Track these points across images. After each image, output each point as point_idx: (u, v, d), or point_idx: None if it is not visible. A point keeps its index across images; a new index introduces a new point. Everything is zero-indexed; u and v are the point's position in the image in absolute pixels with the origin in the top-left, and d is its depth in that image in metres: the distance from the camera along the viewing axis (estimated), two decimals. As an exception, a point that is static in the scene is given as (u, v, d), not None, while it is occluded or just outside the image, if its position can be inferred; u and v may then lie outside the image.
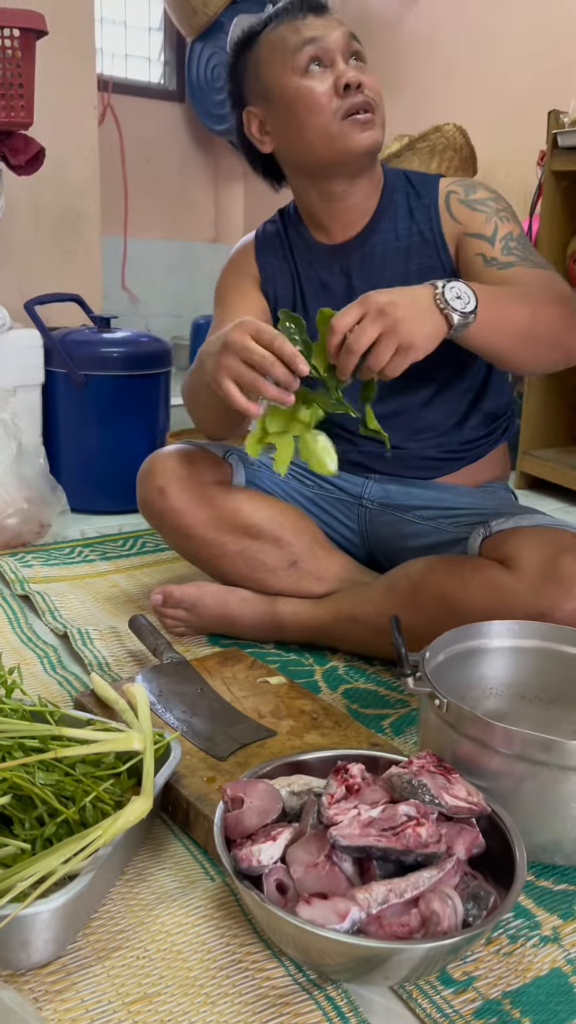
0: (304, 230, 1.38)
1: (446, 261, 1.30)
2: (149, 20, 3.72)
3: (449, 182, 1.33)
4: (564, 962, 0.79)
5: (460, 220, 1.29)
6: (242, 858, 0.75)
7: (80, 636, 1.36)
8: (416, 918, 0.72)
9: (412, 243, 1.31)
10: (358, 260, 1.34)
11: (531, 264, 1.23)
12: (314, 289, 1.37)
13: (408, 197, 1.33)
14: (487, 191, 1.31)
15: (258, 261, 1.42)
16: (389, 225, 1.33)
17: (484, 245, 1.25)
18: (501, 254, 1.24)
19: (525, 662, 1.09)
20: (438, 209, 1.31)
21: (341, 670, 1.31)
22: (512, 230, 1.26)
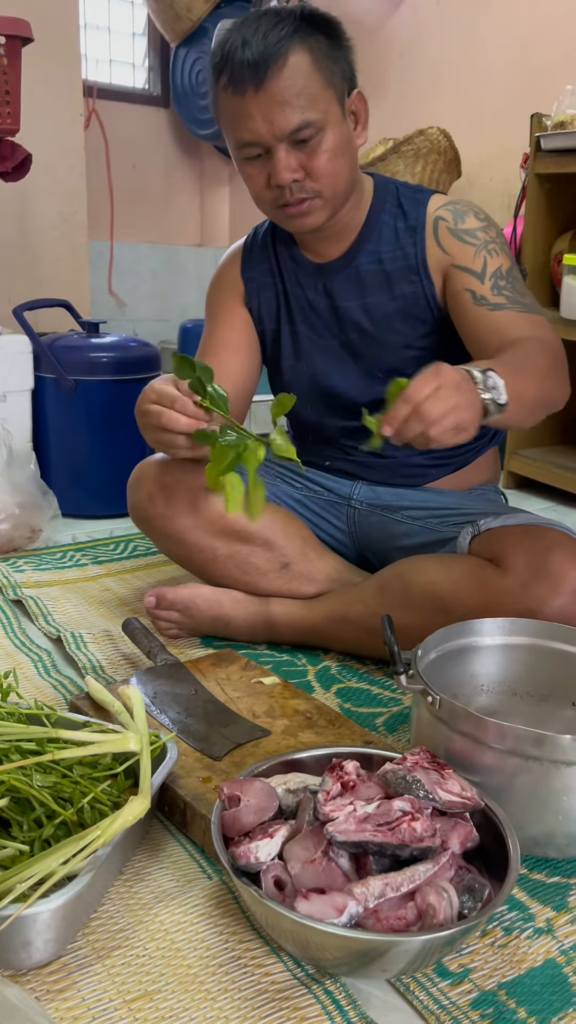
0: (293, 245, 1.38)
1: (428, 289, 1.29)
2: (133, 26, 3.73)
3: (438, 205, 1.30)
4: (558, 953, 0.80)
5: (448, 251, 1.27)
6: (240, 855, 0.76)
7: (74, 640, 1.37)
8: (412, 911, 0.73)
9: (396, 268, 1.30)
10: (342, 280, 1.34)
11: (521, 307, 1.22)
12: (300, 306, 1.38)
13: (395, 218, 1.31)
14: (476, 218, 1.29)
15: (243, 275, 1.42)
16: (373, 247, 1.31)
17: (473, 281, 1.24)
18: (491, 293, 1.22)
19: (516, 659, 1.10)
20: (424, 234, 1.29)
21: (334, 670, 1.32)
22: (502, 264, 1.25)
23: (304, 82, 1.15)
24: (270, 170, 1.19)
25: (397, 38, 2.94)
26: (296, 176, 1.18)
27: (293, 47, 1.15)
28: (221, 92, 1.19)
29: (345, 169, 1.22)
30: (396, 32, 2.95)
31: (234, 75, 1.15)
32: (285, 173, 1.17)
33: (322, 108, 1.17)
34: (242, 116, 1.16)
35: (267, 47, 1.13)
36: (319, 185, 1.20)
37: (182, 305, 3.95)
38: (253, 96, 1.14)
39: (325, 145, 1.18)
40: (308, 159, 1.18)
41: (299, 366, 1.40)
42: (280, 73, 1.14)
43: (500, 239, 1.28)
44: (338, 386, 1.38)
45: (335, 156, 1.19)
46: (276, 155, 1.17)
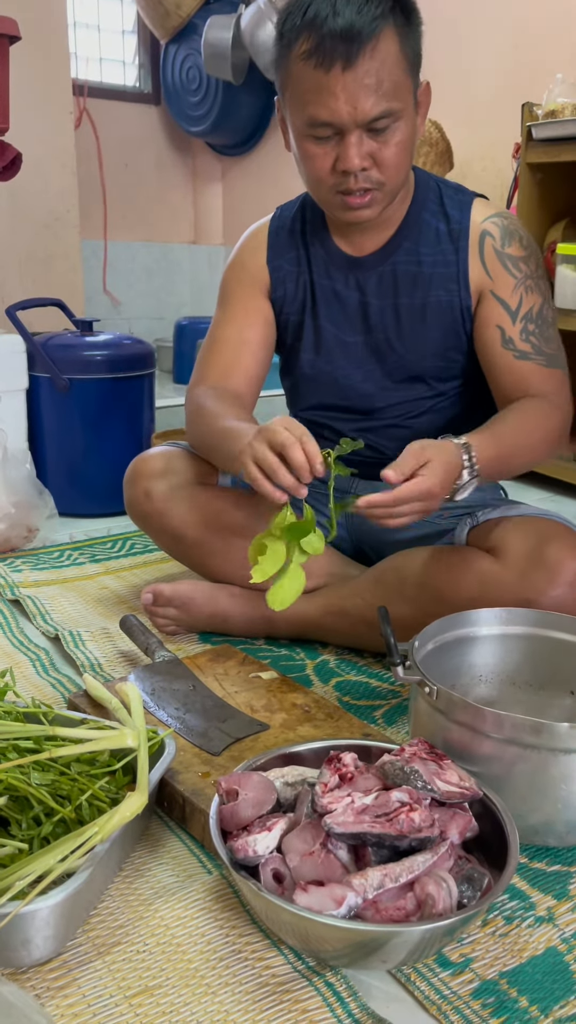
0: (325, 234, 1.31)
1: (465, 299, 1.26)
2: (122, 23, 3.72)
3: (484, 215, 1.25)
4: (559, 941, 0.80)
5: (491, 275, 1.24)
6: (238, 849, 0.76)
7: (72, 638, 1.37)
8: (412, 901, 0.73)
9: (435, 273, 1.25)
10: (375, 277, 1.28)
11: (544, 360, 1.24)
12: (326, 298, 1.31)
13: (437, 218, 1.26)
14: (521, 244, 1.25)
15: (269, 264, 1.34)
16: (412, 246, 1.26)
17: (505, 318, 1.23)
18: (519, 336, 1.23)
19: (513, 648, 1.10)
20: (467, 242, 1.24)
21: (332, 663, 1.32)
22: (535, 304, 1.24)
23: (392, 67, 1.09)
24: (339, 153, 1.12)
25: (387, 30, 2.93)
26: (365, 164, 1.12)
27: (386, 27, 1.07)
28: (298, 60, 1.09)
29: (408, 162, 1.17)
30: (386, 24, 2.93)
31: (321, 45, 1.06)
32: (356, 160, 1.11)
33: (403, 98, 1.12)
34: (322, 92, 1.08)
35: (362, 21, 1.05)
36: (384, 176, 1.15)
37: (177, 302, 3.95)
38: (340, 74, 1.06)
39: (398, 136, 1.12)
40: (379, 149, 1.12)
41: (317, 361, 1.35)
42: (372, 53, 1.06)
43: (539, 271, 1.27)
44: (356, 387, 1.34)
45: (404, 148, 1.14)
46: (348, 139, 1.10)
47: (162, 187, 3.89)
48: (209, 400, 1.27)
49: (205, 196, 3.98)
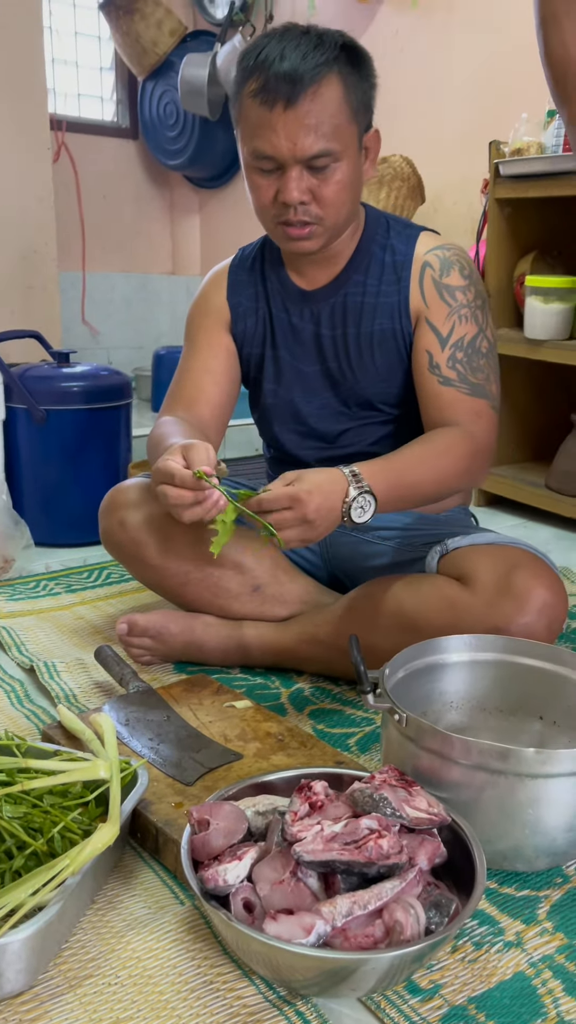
0: (281, 269, 1.37)
1: (407, 327, 1.31)
2: (100, 60, 3.78)
3: (428, 247, 1.31)
4: (527, 966, 0.81)
5: (427, 302, 1.29)
6: (208, 879, 0.77)
7: (47, 669, 1.37)
8: (380, 928, 0.73)
9: (380, 302, 1.32)
10: (328, 308, 1.34)
11: (467, 388, 1.27)
12: (284, 331, 1.38)
13: (384, 251, 1.32)
14: (461, 274, 1.30)
15: (229, 300, 1.41)
16: (361, 278, 1.32)
17: (435, 344, 1.28)
18: (446, 363, 1.27)
19: (483, 675, 1.12)
20: (410, 273, 1.30)
21: (307, 691, 1.33)
22: (467, 333, 1.28)
23: (333, 111, 1.16)
24: (280, 186, 1.19)
25: (359, 69, 3.00)
26: (304, 199, 1.19)
27: (330, 74, 1.15)
28: (248, 97, 1.18)
29: (349, 201, 1.24)
30: (358, 63, 3.01)
31: (266, 85, 1.14)
32: (295, 193, 1.18)
33: (343, 140, 1.18)
34: (265, 128, 1.16)
35: (305, 67, 1.13)
36: (323, 213, 1.21)
37: (156, 332, 3.98)
38: (281, 113, 1.14)
39: (337, 176, 1.19)
40: (319, 186, 1.19)
41: (279, 391, 1.41)
42: (313, 97, 1.14)
43: (476, 300, 1.30)
44: (313, 414, 1.40)
45: (344, 188, 1.21)
46: (289, 173, 1.18)
47: (140, 219, 3.94)
48: (164, 427, 1.30)
49: (183, 228, 4.03)
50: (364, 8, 2.93)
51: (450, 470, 1.21)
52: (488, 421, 1.28)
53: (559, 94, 1.11)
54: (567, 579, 1.82)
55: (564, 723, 1.08)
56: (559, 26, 1.08)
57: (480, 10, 2.60)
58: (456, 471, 1.21)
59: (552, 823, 0.88)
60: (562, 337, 2.11)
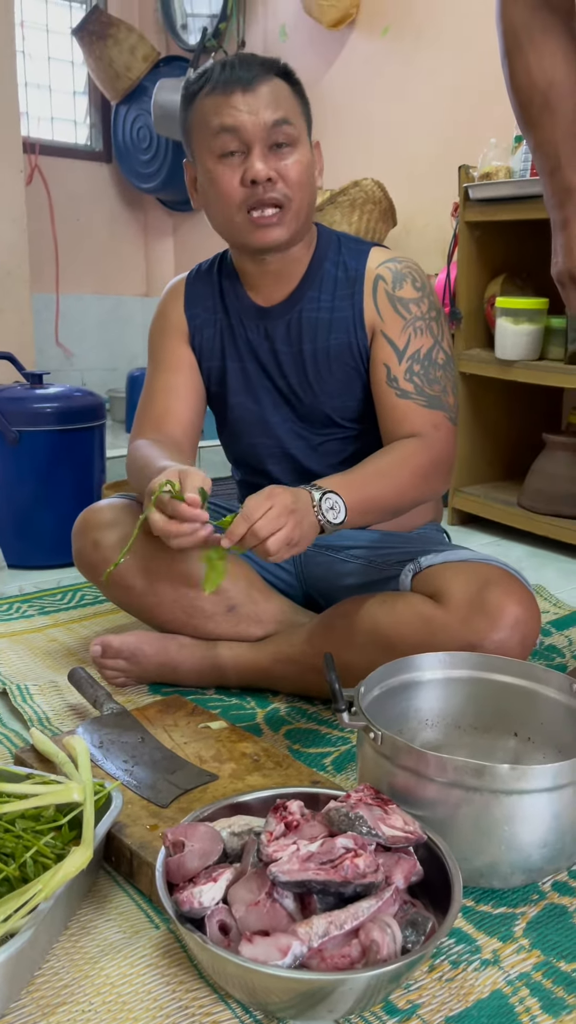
0: (239, 286, 1.38)
1: (362, 340, 1.32)
2: (74, 84, 3.80)
3: (380, 261, 1.33)
4: (504, 983, 0.80)
5: (382, 315, 1.30)
6: (183, 901, 0.76)
7: (19, 692, 1.35)
8: (356, 948, 0.73)
9: (334, 317, 1.32)
10: (283, 325, 1.35)
11: (424, 400, 1.27)
12: (240, 348, 1.39)
13: (337, 267, 1.33)
14: (414, 286, 1.31)
15: (187, 312, 1.41)
16: (314, 294, 1.33)
17: (392, 357, 1.29)
18: (403, 376, 1.28)
19: (457, 692, 1.12)
20: (363, 287, 1.31)
21: (283, 711, 1.32)
22: (422, 346, 1.29)
23: (285, 97, 1.23)
24: (246, 166, 1.21)
25: (331, 94, 3.05)
26: (271, 175, 1.21)
27: (275, 76, 1.23)
28: (202, 99, 1.23)
29: (309, 191, 1.26)
30: (330, 89, 3.05)
31: (221, 83, 1.21)
32: (262, 167, 1.20)
33: (298, 124, 1.24)
34: (226, 107, 1.20)
35: (253, 67, 1.22)
36: (290, 191, 1.23)
37: (130, 354, 3.98)
38: (240, 95, 1.20)
39: (297, 157, 1.23)
40: (284, 166, 1.22)
41: (247, 402, 1.41)
42: (266, 85, 1.21)
43: (431, 312, 1.31)
44: (275, 429, 1.41)
45: (305, 171, 1.24)
46: (254, 152, 1.20)
47: (114, 241, 3.95)
48: (143, 450, 1.30)
49: (157, 250, 4.05)
50: (335, 35, 2.98)
51: (409, 481, 1.21)
52: (446, 432, 1.28)
53: (524, 120, 1.14)
54: (540, 596, 1.84)
55: (538, 739, 1.09)
56: (523, 55, 1.11)
57: (449, 38, 2.65)
58: (415, 482, 1.22)
59: (527, 839, 0.88)
60: (532, 357, 2.14)
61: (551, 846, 0.89)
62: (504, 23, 1.12)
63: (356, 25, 2.93)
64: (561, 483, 2.18)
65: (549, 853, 0.90)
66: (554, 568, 2.07)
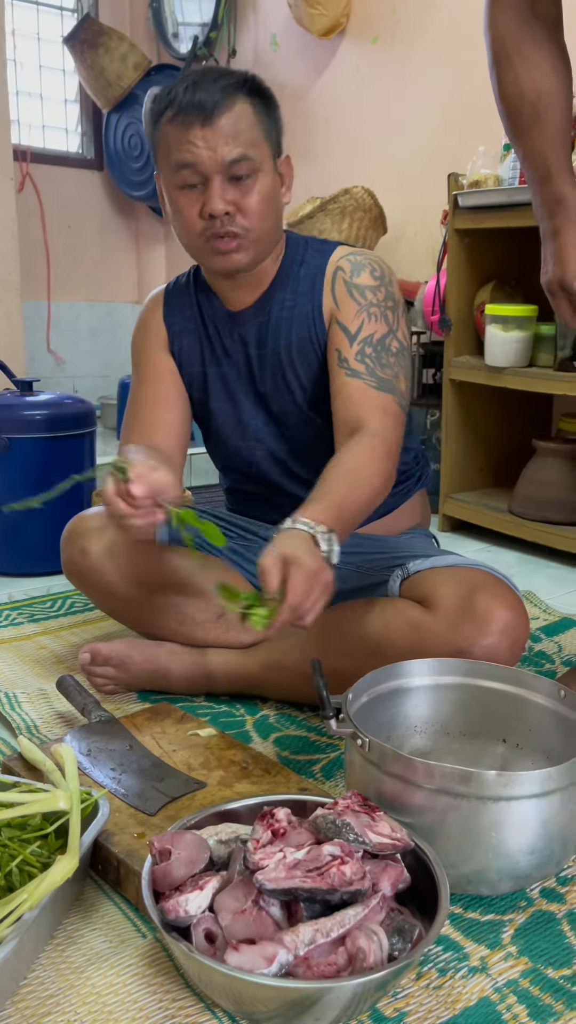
0: (212, 294, 1.39)
1: (320, 333, 1.32)
2: (65, 93, 3.81)
3: (342, 254, 1.33)
4: (492, 991, 0.80)
5: (338, 303, 1.30)
6: (169, 909, 0.75)
7: (7, 700, 1.35)
8: (343, 956, 0.73)
9: (295, 314, 1.33)
10: (255, 328, 1.36)
11: (374, 382, 1.25)
12: (217, 355, 1.40)
13: (301, 266, 1.34)
14: (372, 275, 1.31)
15: (165, 320, 1.42)
16: (282, 295, 1.34)
17: (344, 341, 1.27)
18: (354, 357, 1.26)
19: (446, 698, 1.12)
20: (323, 280, 1.32)
21: (272, 718, 1.32)
22: (375, 331, 1.27)
23: (246, 126, 1.21)
24: (205, 199, 1.21)
25: (322, 104, 3.07)
26: (228, 209, 1.21)
27: (239, 97, 1.21)
28: (165, 125, 1.22)
29: (271, 217, 1.26)
30: (321, 98, 3.07)
31: (182, 110, 1.19)
32: (219, 202, 1.20)
33: (260, 153, 1.23)
34: (184, 142, 1.20)
35: (216, 92, 1.19)
36: (249, 223, 1.23)
37: (121, 361, 3.98)
38: (199, 129, 1.19)
39: (258, 187, 1.22)
40: (241, 197, 1.22)
41: (227, 406, 1.41)
42: (226, 114, 1.19)
43: (387, 301, 1.31)
44: (257, 432, 1.41)
45: (265, 200, 1.24)
46: (212, 185, 1.20)
47: (106, 248, 3.96)
48: (130, 454, 1.28)
49: (148, 257, 4.06)
50: (326, 44, 3.00)
51: (377, 483, 1.18)
52: (395, 418, 1.26)
53: (513, 130, 1.15)
54: (530, 602, 1.84)
55: (527, 745, 1.09)
56: (512, 66, 1.12)
57: (438, 47, 2.67)
58: (382, 481, 1.19)
59: (515, 846, 0.88)
60: (522, 364, 2.14)
61: (539, 852, 0.89)
62: (492, 34, 1.13)
63: (346, 34, 2.95)
64: (551, 489, 2.18)
65: (537, 860, 0.90)
66: (544, 574, 2.08)
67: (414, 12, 2.73)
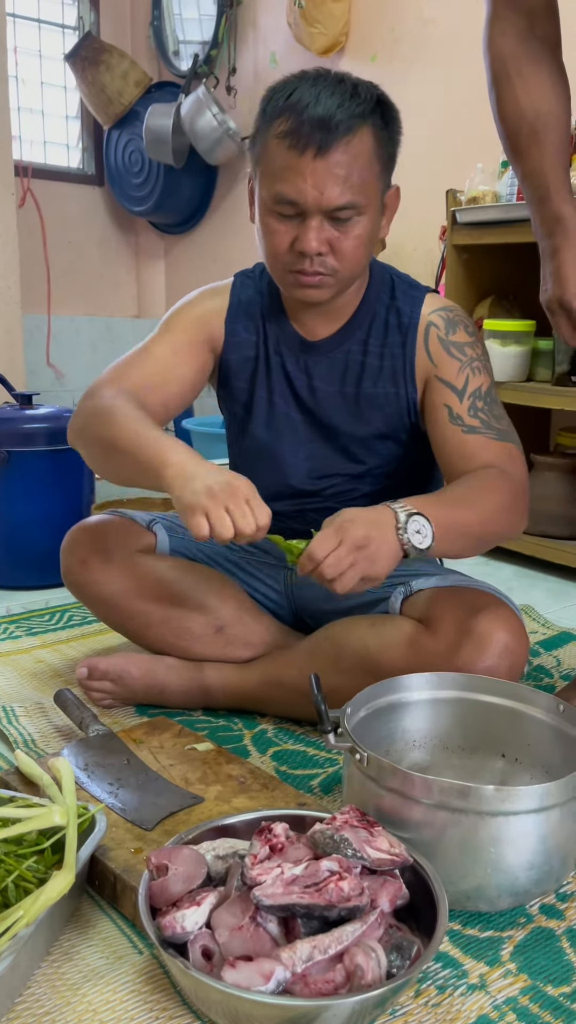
0: (282, 314, 1.33)
1: (411, 393, 1.29)
2: (67, 109, 3.84)
3: (432, 308, 1.29)
4: (491, 1008, 0.80)
5: (435, 361, 1.27)
6: (166, 926, 0.75)
7: (5, 714, 1.34)
8: (341, 973, 0.72)
9: (383, 365, 1.29)
10: (326, 362, 1.31)
11: (494, 434, 1.23)
12: (278, 375, 1.34)
13: (388, 311, 1.30)
14: (466, 331, 1.29)
15: (227, 326, 1.34)
16: (363, 336, 1.30)
17: (453, 397, 1.25)
18: (467, 413, 1.23)
19: (445, 713, 1.12)
20: (415, 337, 1.28)
21: (270, 733, 1.32)
22: (482, 384, 1.26)
23: (363, 164, 1.14)
24: (298, 234, 1.15)
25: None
26: (322, 250, 1.16)
27: (364, 126, 1.13)
28: (274, 138, 1.13)
29: (364, 258, 1.21)
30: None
31: (298, 129, 1.10)
32: (314, 243, 1.14)
33: (369, 195, 1.16)
34: (291, 172, 1.12)
35: (341, 115, 1.10)
36: (339, 265, 1.18)
37: (121, 375, 3.99)
38: (311, 159, 1.11)
39: (357, 230, 1.16)
40: (338, 238, 1.16)
41: (267, 436, 1.36)
42: (346, 147, 1.11)
43: (484, 356, 1.30)
44: (297, 465, 1.36)
45: (362, 242, 1.18)
46: (310, 222, 1.14)
47: (106, 263, 3.98)
48: (127, 402, 1.20)
49: (148, 272, 4.08)
50: (324, 62, 3.02)
51: (493, 511, 1.15)
52: (521, 463, 1.23)
53: (512, 149, 1.15)
54: (529, 617, 1.84)
55: (526, 760, 1.08)
56: (511, 85, 1.13)
57: (435, 65, 2.70)
58: (499, 512, 1.15)
59: (514, 861, 0.88)
60: (520, 379, 2.15)
61: (538, 868, 0.89)
62: (492, 54, 1.14)
63: (345, 52, 2.97)
64: (549, 504, 2.18)
65: (536, 875, 0.89)
66: (543, 588, 2.08)
67: (412, 31, 2.76)
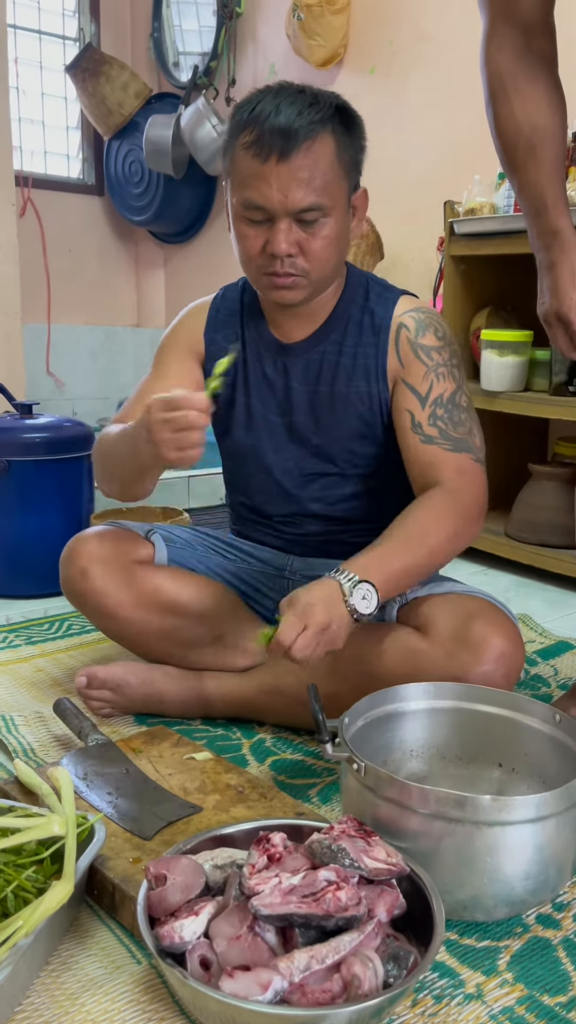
0: (260, 318, 1.37)
1: (383, 392, 1.31)
2: (67, 120, 3.86)
3: (404, 310, 1.32)
4: (487, 1018, 0.80)
5: (403, 363, 1.29)
6: (164, 935, 0.75)
7: (4, 723, 1.35)
8: (338, 983, 0.73)
9: (356, 364, 1.31)
10: (302, 363, 1.34)
11: (449, 444, 1.25)
12: (256, 379, 1.37)
13: (363, 312, 1.32)
14: (436, 335, 1.30)
15: (206, 336, 1.40)
16: (338, 337, 1.32)
17: (415, 403, 1.27)
18: (427, 422, 1.26)
19: (442, 722, 1.13)
20: (387, 337, 1.30)
21: (269, 742, 1.32)
22: (445, 391, 1.28)
23: (325, 167, 1.18)
24: (268, 237, 1.19)
25: (319, 131, 3.11)
26: (292, 251, 1.19)
27: (324, 132, 1.17)
28: (240, 149, 1.18)
29: (335, 257, 1.24)
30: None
31: (260, 138, 1.15)
32: (283, 245, 1.18)
33: (333, 196, 1.19)
34: (257, 179, 1.17)
35: (300, 122, 1.15)
36: (310, 266, 1.21)
37: (121, 383, 4.01)
38: (274, 165, 1.15)
39: (325, 231, 1.20)
40: (307, 240, 1.19)
41: (247, 438, 1.40)
42: (307, 152, 1.16)
43: (452, 360, 1.31)
44: (277, 466, 1.39)
45: (330, 243, 1.21)
46: (278, 225, 1.18)
47: (106, 272, 3.99)
48: (117, 427, 1.28)
49: (148, 281, 4.09)
50: (323, 74, 3.04)
51: (441, 541, 1.18)
52: (472, 475, 1.26)
53: (509, 164, 1.17)
54: (526, 626, 1.84)
55: (523, 770, 1.09)
56: (508, 100, 1.14)
57: (433, 77, 2.72)
58: (446, 542, 1.19)
59: (510, 871, 0.88)
60: (517, 389, 2.16)
61: (534, 878, 0.89)
62: (489, 69, 1.15)
63: (344, 64, 3.00)
64: (547, 513, 2.19)
65: (532, 885, 0.90)
66: (540, 597, 2.08)
67: (410, 43, 2.78)
